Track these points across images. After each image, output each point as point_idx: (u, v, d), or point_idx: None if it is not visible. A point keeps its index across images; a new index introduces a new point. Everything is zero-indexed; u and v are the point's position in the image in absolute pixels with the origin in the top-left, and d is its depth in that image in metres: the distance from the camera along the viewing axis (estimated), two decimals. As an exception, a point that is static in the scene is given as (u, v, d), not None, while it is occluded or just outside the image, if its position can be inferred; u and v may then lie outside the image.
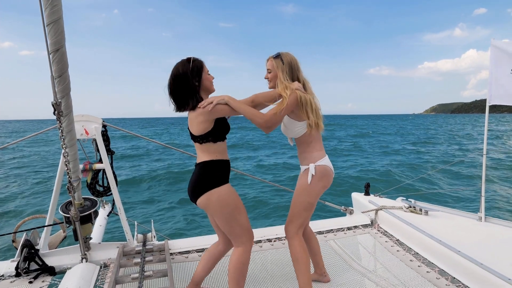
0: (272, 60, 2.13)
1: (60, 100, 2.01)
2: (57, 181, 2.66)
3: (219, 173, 1.97)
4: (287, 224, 2.25)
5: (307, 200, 2.19)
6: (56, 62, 1.86)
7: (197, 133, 1.93)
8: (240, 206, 2.02)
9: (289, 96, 2.00)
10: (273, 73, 2.13)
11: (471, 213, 3.44)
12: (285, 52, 2.13)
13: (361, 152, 23.39)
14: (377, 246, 3.10)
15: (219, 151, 1.99)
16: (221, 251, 2.26)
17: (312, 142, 2.17)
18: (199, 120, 1.89)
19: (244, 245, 2.05)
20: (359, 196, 4.15)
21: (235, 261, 2.03)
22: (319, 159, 2.16)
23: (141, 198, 11.06)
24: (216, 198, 1.92)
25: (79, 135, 2.70)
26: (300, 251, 2.17)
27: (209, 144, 1.95)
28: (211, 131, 1.93)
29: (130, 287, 2.42)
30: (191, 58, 1.93)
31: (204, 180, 1.94)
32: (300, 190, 2.21)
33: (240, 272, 2.04)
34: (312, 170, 2.12)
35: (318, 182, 2.15)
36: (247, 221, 2.07)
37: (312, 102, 2.09)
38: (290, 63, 2.10)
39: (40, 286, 2.36)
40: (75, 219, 2.43)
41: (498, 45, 3.21)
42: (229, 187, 1.99)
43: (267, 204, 9.86)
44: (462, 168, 16.13)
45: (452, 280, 2.44)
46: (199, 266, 2.25)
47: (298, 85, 2.07)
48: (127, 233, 2.87)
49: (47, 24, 1.73)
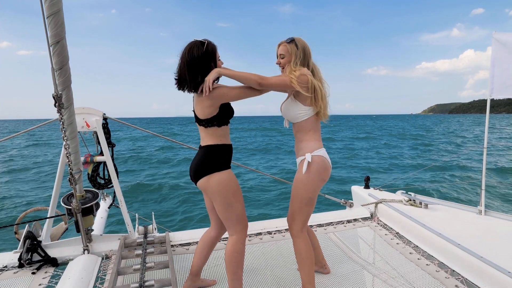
0: (286, 45, 2.06)
1: (61, 92, 2.01)
2: (59, 173, 2.67)
3: (222, 157, 1.99)
4: (290, 222, 2.18)
5: (305, 195, 2.09)
6: (56, 55, 1.85)
7: (202, 117, 1.95)
8: (239, 193, 2.04)
9: (300, 75, 1.96)
10: (286, 58, 2.07)
11: (471, 207, 3.45)
12: (298, 37, 2.08)
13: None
14: (377, 239, 3.12)
15: (223, 135, 2.01)
16: (214, 237, 2.27)
17: (311, 131, 2.10)
18: (206, 104, 1.91)
19: (238, 233, 2.06)
20: (359, 189, 4.16)
21: (230, 250, 2.04)
22: (316, 149, 2.07)
23: (142, 191, 11.10)
24: (216, 181, 1.95)
25: (80, 128, 2.70)
26: (306, 251, 2.14)
27: (214, 128, 1.97)
28: (216, 115, 1.95)
29: (132, 278, 2.44)
30: (205, 41, 1.91)
31: (207, 163, 1.96)
32: (297, 183, 2.11)
33: (236, 262, 2.05)
34: (309, 158, 2.03)
35: (315, 174, 2.05)
36: (243, 210, 2.08)
37: (322, 88, 2.05)
38: (304, 49, 2.06)
39: (42, 277, 2.38)
40: (77, 211, 2.45)
41: (500, 38, 3.18)
42: (230, 172, 2.01)
43: (266, 196, 9.90)
44: (463, 161, 16.15)
45: (452, 273, 2.46)
46: (195, 256, 2.27)
47: (306, 71, 2.02)
48: (128, 225, 2.89)
49: (47, 16, 1.72)
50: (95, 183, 2.99)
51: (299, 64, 2.04)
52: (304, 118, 2.09)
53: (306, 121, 2.09)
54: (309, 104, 2.05)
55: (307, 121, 2.09)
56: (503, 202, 9.31)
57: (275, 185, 11.03)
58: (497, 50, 3.22)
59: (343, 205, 3.88)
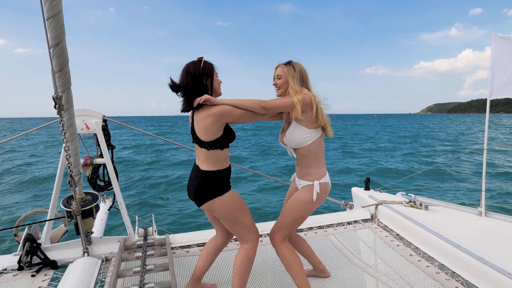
0: (284, 67, 2.08)
1: (61, 94, 2.01)
2: (58, 176, 2.67)
3: (223, 182, 1.96)
4: (274, 232, 2.21)
5: (301, 214, 2.15)
6: (56, 57, 1.85)
7: (205, 139, 1.89)
8: (243, 208, 2.04)
9: (304, 96, 1.97)
10: (283, 79, 2.08)
11: (471, 208, 3.45)
12: (295, 61, 2.11)
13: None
14: (377, 240, 3.11)
15: (223, 158, 1.96)
16: (219, 245, 2.28)
17: (318, 155, 2.12)
18: (208, 122, 1.85)
19: (251, 242, 2.08)
20: (359, 191, 4.16)
21: (242, 256, 2.05)
22: (323, 176, 2.12)
23: (141, 192, 11.09)
24: (220, 204, 1.94)
25: (80, 130, 2.70)
26: (290, 255, 2.17)
27: (216, 151, 1.91)
28: (220, 138, 1.90)
29: (132, 280, 2.43)
30: (202, 59, 1.90)
31: (208, 189, 1.93)
32: (298, 204, 2.14)
33: (246, 268, 2.06)
34: (317, 188, 2.07)
35: (319, 199, 2.12)
36: (251, 220, 2.08)
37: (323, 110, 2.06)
38: (301, 72, 2.08)
39: (42, 279, 2.37)
40: (77, 213, 2.44)
41: (499, 39, 3.19)
42: (232, 192, 2.00)
43: (266, 199, 9.90)
44: (463, 162, 16.15)
45: (452, 274, 2.45)
46: (199, 261, 2.27)
47: (307, 91, 2.04)
48: (128, 227, 2.89)
49: (47, 18, 1.72)
50: (95, 185, 2.99)
51: (299, 85, 2.04)
52: (311, 141, 2.07)
53: (312, 144, 2.08)
54: (314, 127, 2.06)
55: (313, 145, 2.08)
56: (504, 203, 9.30)
57: (275, 185, 11.04)
58: (496, 51, 3.22)
59: (344, 207, 3.88)
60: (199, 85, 1.88)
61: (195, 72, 1.87)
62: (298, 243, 2.44)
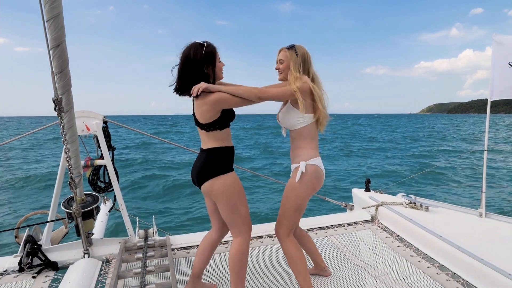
0: (286, 51, 2.08)
1: (61, 96, 2.01)
2: (59, 177, 2.67)
3: (225, 160, 1.98)
4: (277, 226, 2.21)
5: (295, 202, 2.12)
6: (56, 58, 1.86)
7: (203, 121, 1.92)
8: (243, 195, 2.04)
9: (302, 84, 1.97)
10: (285, 63, 2.09)
11: (471, 209, 3.44)
12: (298, 44, 2.10)
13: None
14: (378, 241, 3.11)
15: (225, 137, 1.99)
16: (215, 239, 2.27)
17: (308, 138, 2.11)
18: (204, 109, 1.88)
19: (242, 234, 2.06)
20: (359, 192, 4.16)
21: (234, 251, 2.04)
22: (312, 158, 2.09)
23: (142, 194, 11.10)
24: (221, 184, 1.94)
25: (80, 131, 2.70)
26: (295, 252, 2.15)
27: (215, 132, 1.95)
28: (218, 119, 1.92)
29: (132, 282, 2.44)
30: (204, 43, 1.87)
31: (210, 166, 1.94)
32: (288, 190, 2.14)
33: (240, 262, 2.05)
34: (303, 168, 2.05)
35: (308, 183, 2.08)
36: (247, 211, 2.08)
37: (321, 97, 2.07)
38: (304, 56, 2.07)
39: (43, 281, 2.38)
40: (77, 214, 2.44)
41: (500, 40, 3.19)
42: (234, 174, 2.01)
43: (266, 198, 9.89)
44: (465, 163, 16.13)
45: (453, 275, 2.45)
46: (196, 258, 2.27)
47: (307, 79, 2.03)
48: (129, 229, 2.89)
49: (47, 20, 1.73)
50: (95, 186, 2.99)
51: (300, 71, 2.04)
52: (302, 125, 2.09)
53: (304, 128, 2.10)
54: (307, 112, 2.05)
55: (304, 129, 2.10)
56: (504, 204, 9.29)
57: (274, 186, 11.03)
58: (497, 52, 3.23)
59: (344, 207, 3.88)
60: (198, 72, 1.87)
61: (196, 55, 1.85)
62: (302, 238, 2.43)
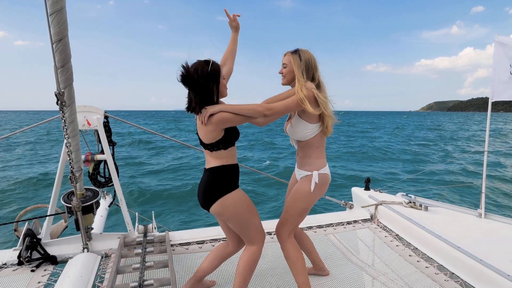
0: (290, 55, 2.05)
1: (63, 90, 2.01)
2: (59, 171, 2.67)
3: (230, 178, 1.93)
4: (280, 227, 2.21)
5: (304, 207, 2.14)
6: (59, 52, 1.86)
7: (207, 141, 1.88)
8: (253, 209, 2.02)
9: (307, 92, 1.93)
10: (288, 68, 2.06)
11: (471, 209, 3.45)
12: (304, 49, 2.06)
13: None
14: (377, 240, 3.12)
15: (229, 156, 1.94)
16: (230, 253, 2.24)
17: (319, 147, 2.11)
18: (208, 129, 1.83)
19: (257, 243, 2.06)
20: (359, 191, 4.16)
21: (247, 258, 2.04)
22: (323, 167, 2.11)
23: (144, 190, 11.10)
24: (230, 204, 1.90)
25: (81, 126, 2.70)
26: (294, 253, 2.16)
27: (220, 152, 1.90)
28: (222, 139, 1.87)
29: (131, 277, 2.44)
30: (209, 61, 1.84)
31: (215, 186, 1.90)
32: (299, 196, 2.13)
33: (250, 269, 2.05)
34: (316, 178, 2.07)
35: (319, 191, 2.11)
36: (260, 222, 2.07)
37: (327, 104, 2.02)
38: (308, 61, 2.02)
39: (42, 274, 2.38)
40: (77, 209, 2.45)
41: (502, 41, 3.20)
42: (240, 191, 1.96)
43: (264, 197, 9.90)
44: (465, 164, 16.14)
45: (451, 275, 2.46)
46: (204, 262, 2.24)
47: (311, 85, 1.99)
48: (128, 224, 2.89)
49: (50, 14, 1.73)
50: (95, 181, 3.00)
51: (304, 76, 2.00)
52: (312, 136, 2.07)
53: (314, 138, 2.08)
54: (315, 121, 2.03)
55: (314, 139, 2.09)
56: (504, 205, 9.31)
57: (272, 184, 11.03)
58: (498, 53, 3.23)
59: (343, 206, 3.88)
60: (204, 89, 1.83)
61: (202, 74, 1.81)
62: (301, 239, 2.44)
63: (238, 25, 2.33)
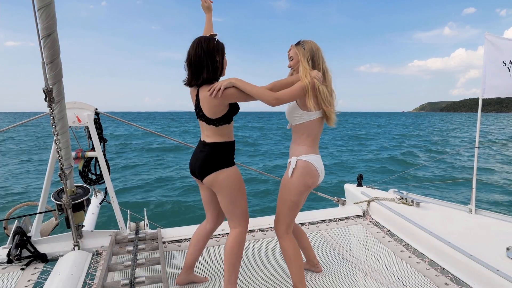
0: (294, 47, 2.09)
1: (52, 86, 1.98)
2: (49, 169, 2.64)
3: (229, 154, 2.02)
4: (276, 223, 2.21)
5: (290, 199, 2.09)
6: (47, 48, 1.82)
7: (213, 116, 1.93)
8: (243, 189, 2.08)
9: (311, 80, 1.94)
10: (294, 59, 2.08)
11: (462, 205, 3.49)
12: (307, 39, 2.09)
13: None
14: (369, 236, 3.14)
15: (229, 132, 2.02)
16: (209, 230, 2.30)
17: (304, 135, 2.08)
18: (213, 103, 1.88)
19: (240, 226, 2.10)
20: (351, 187, 4.18)
21: (231, 241, 2.07)
22: (305, 154, 2.06)
23: (133, 186, 11.04)
24: (224, 177, 1.97)
25: (71, 123, 2.67)
26: (292, 250, 2.15)
27: (224, 126, 1.97)
28: (226, 114, 1.94)
29: (123, 274, 2.42)
30: (215, 36, 1.92)
31: (215, 160, 1.97)
32: (282, 187, 2.13)
33: (237, 253, 2.06)
34: (293, 164, 2.04)
35: (299, 178, 2.04)
36: (246, 205, 2.12)
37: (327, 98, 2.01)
38: (311, 50, 2.04)
39: (32, 273, 2.35)
40: (67, 206, 2.42)
41: (492, 39, 3.23)
42: (236, 168, 2.05)
43: (259, 193, 9.92)
44: (456, 160, 16.32)
45: (442, 270, 2.48)
46: (189, 250, 2.28)
47: (317, 74, 1.98)
48: (120, 221, 2.87)
49: (38, 9, 1.69)
50: (86, 178, 2.96)
51: (310, 64, 2.01)
52: (298, 122, 2.07)
53: (301, 124, 2.07)
54: (306, 109, 2.02)
55: (302, 125, 2.07)
56: (493, 201, 9.43)
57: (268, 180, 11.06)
58: (489, 51, 3.26)
59: (336, 203, 3.90)
60: (211, 60, 1.89)
61: (208, 46, 1.88)
62: (298, 234, 2.44)
63: (210, 5, 2.40)
